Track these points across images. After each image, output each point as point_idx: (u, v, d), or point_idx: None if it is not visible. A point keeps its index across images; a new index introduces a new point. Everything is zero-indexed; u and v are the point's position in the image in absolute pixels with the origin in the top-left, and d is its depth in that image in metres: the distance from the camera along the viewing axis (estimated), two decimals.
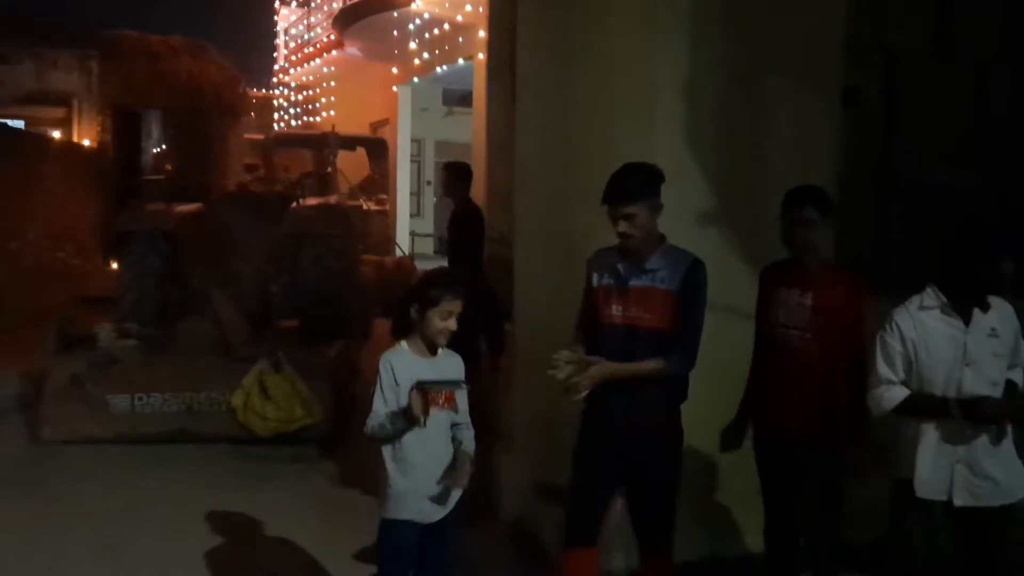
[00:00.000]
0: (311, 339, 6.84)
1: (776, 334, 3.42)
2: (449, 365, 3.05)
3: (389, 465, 2.96)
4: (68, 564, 4.23)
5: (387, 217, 14.09)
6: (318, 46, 17.78)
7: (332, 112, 18.73)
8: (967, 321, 2.93)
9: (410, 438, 2.92)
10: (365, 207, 12.00)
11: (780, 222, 3.40)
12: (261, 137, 14.16)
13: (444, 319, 2.94)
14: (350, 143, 14.14)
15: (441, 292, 2.96)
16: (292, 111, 20.74)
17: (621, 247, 3.11)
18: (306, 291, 7.21)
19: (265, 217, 7.77)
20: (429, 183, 19.51)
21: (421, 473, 2.95)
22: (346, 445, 5.83)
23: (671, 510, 3.21)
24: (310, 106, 21.03)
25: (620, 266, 3.12)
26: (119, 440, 6.03)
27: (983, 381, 2.92)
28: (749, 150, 4.31)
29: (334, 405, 6.12)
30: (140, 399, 6.10)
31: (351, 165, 14.06)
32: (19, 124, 12.30)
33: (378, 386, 2.93)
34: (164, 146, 12.03)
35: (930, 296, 2.99)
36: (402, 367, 2.94)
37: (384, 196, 14.41)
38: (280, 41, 21.75)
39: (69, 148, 11.69)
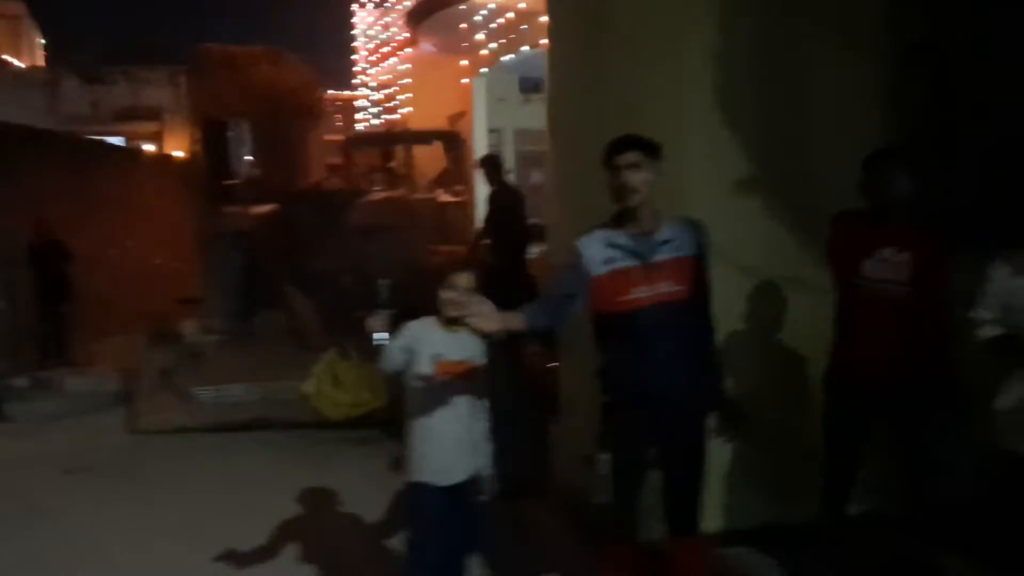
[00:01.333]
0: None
1: (865, 288, 3.37)
2: (468, 342, 3.17)
3: (412, 431, 3.13)
4: (158, 539, 4.56)
5: (465, 208, 14.32)
6: (394, 45, 18.16)
7: (411, 108, 19.08)
8: None
9: (430, 404, 3.09)
10: (440, 199, 12.22)
11: (862, 185, 3.38)
12: (342, 138, 14.59)
13: (447, 291, 3.09)
14: (424, 138, 14.40)
15: (447, 270, 3.15)
16: (373, 110, 21.28)
17: (625, 210, 2.94)
18: (374, 281, 7.46)
19: (333, 213, 8.09)
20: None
21: (438, 437, 3.11)
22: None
23: (701, 482, 3.14)
24: (391, 104, 21.50)
25: (634, 244, 2.95)
26: (205, 428, 6.45)
27: None
28: (789, 121, 4.28)
29: (399, 388, 6.34)
30: (222, 390, 6.50)
31: (429, 159, 14.32)
32: (119, 140, 13.13)
33: (394, 341, 3.10)
34: (248, 152, 12.62)
35: None
36: (421, 333, 3.11)
37: (461, 187, 14.64)
38: (360, 43, 22.31)
39: (161, 160, 12.42)
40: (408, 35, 16.65)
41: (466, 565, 3.30)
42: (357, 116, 21.96)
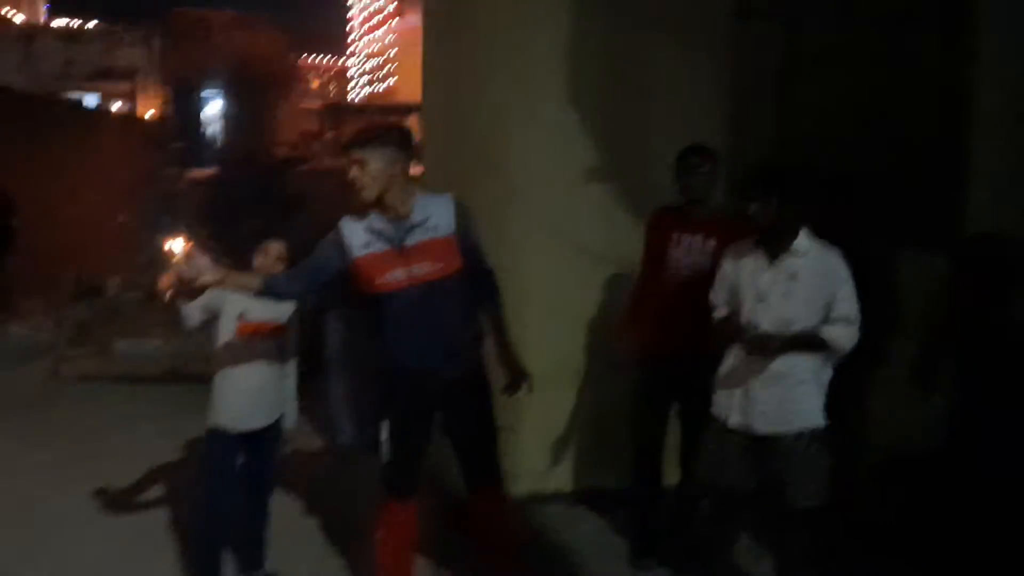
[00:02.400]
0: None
1: (671, 271, 3.70)
2: (276, 305, 3.43)
3: (216, 380, 3.46)
4: (27, 474, 4.92)
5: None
6: (384, 16, 18.39)
7: (397, 79, 19.32)
8: (775, 261, 3.12)
9: (233, 357, 3.42)
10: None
11: (674, 174, 3.67)
12: (318, 106, 14.82)
13: (257, 257, 3.44)
14: (399, 110, 14.62)
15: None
16: (363, 79, 21.54)
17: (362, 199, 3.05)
18: (300, 248, 7.70)
19: (267, 180, 8.36)
20: None
21: (238, 387, 3.44)
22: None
23: (494, 439, 3.34)
24: (382, 74, 21.74)
25: (389, 229, 3.06)
26: (122, 379, 6.80)
27: (770, 318, 3.11)
28: (634, 112, 4.54)
29: (311, 349, 6.67)
30: (137, 344, 6.84)
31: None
32: (93, 98, 13.41)
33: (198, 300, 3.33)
34: (218, 116, 12.89)
35: None
36: (228, 293, 3.35)
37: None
38: (354, 12, 22.54)
39: (128, 120, 12.69)
40: (394, 8, 16.91)
41: (259, 511, 3.64)
42: (349, 86, 22.31)
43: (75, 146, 10.37)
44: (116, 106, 13.24)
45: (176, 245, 2.83)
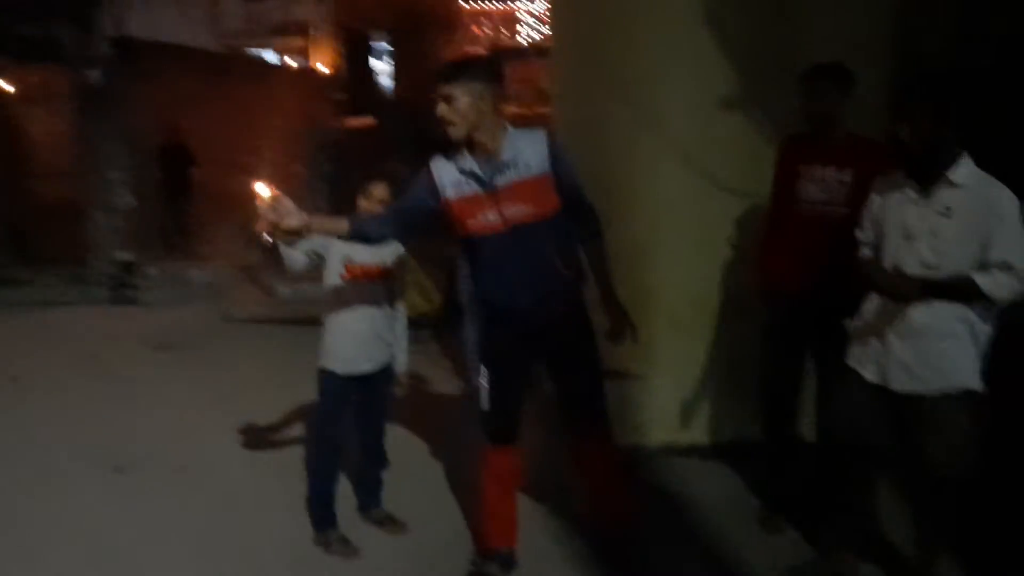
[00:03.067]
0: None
1: (801, 204, 3.37)
2: (382, 248, 3.39)
3: (326, 323, 3.48)
4: (194, 405, 5.30)
5: None
6: None
7: None
8: (926, 194, 2.73)
9: (340, 301, 3.42)
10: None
11: (797, 97, 3.34)
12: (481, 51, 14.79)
13: (362, 200, 3.38)
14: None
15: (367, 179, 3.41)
16: (531, 22, 21.26)
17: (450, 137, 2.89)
18: None
19: (417, 126, 8.41)
20: None
21: (345, 330, 3.43)
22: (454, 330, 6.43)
23: (599, 384, 3.21)
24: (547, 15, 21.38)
25: (479, 170, 2.91)
26: (284, 321, 7.17)
27: (916, 259, 2.73)
28: (783, 35, 4.12)
29: (448, 295, 6.72)
30: (298, 287, 7.16)
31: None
32: (272, 54, 14.11)
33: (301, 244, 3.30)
34: (387, 64, 13.16)
35: None
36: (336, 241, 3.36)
37: None
38: None
39: (303, 73, 13.25)
40: None
41: (373, 451, 3.67)
42: (518, 29, 22.10)
43: (251, 99, 10.95)
44: (291, 60, 13.85)
45: (262, 189, 2.80)
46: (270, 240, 3.01)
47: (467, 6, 14.24)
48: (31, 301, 8.36)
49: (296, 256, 3.34)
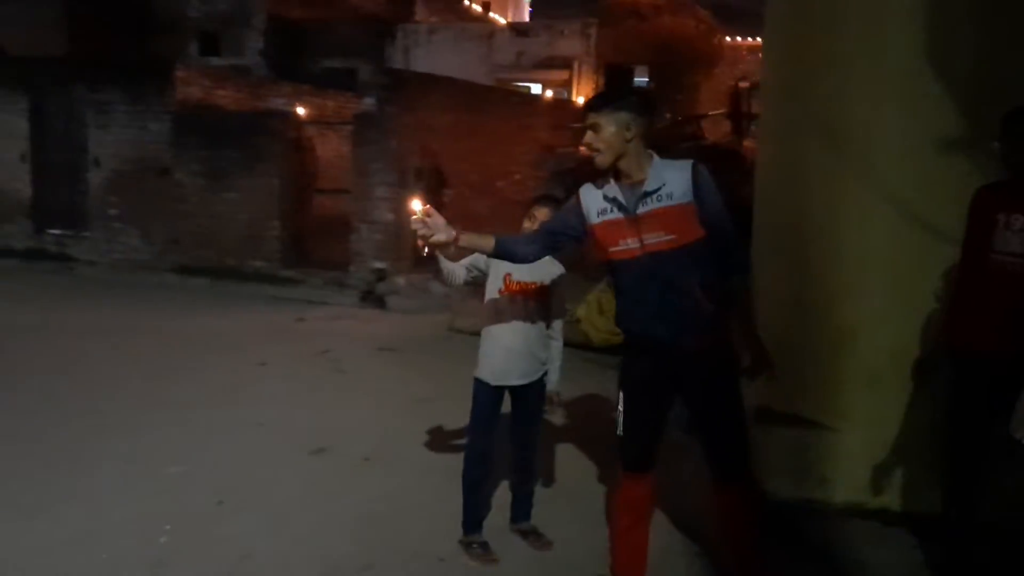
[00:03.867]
0: None
1: (995, 258, 3.13)
2: (539, 266, 3.52)
3: (483, 334, 3.67)
4: (396, 403, 5.75)
5: None
6: None
7: None
8: None
9: (497, 314, 3.59)
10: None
11: (999, 142, 3.13)
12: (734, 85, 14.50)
13: (527, 222, 3.51)
14: None
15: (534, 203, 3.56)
16: None
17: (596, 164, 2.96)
18: None
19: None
20: None
21: (498, 343, 3.60)
22: None
23: (741, 431, 3.11)
24: None
25: (623, 196, 2.94)
26: None
27: None
28: (1012, 75, 3.72)
29: None
30: None
31: None
32: (537, 86, 14.84)
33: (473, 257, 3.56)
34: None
35: None
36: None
37: None
38: None
39: (559, 103, 13.78)
40: None
41: (523, 465, 3.77)
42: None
43: (506, 128, 11.63)
44: (553, 92, 14.48)
45: (416, 204, 3.03)
46: (427, 252, 3.23)
47: (728, 40, 14.03)
48: (297, 299, 9.48)
49: (455, 269, 3.55)
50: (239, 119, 11.06)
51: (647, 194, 2.92)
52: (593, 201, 3.03)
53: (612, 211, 2.98)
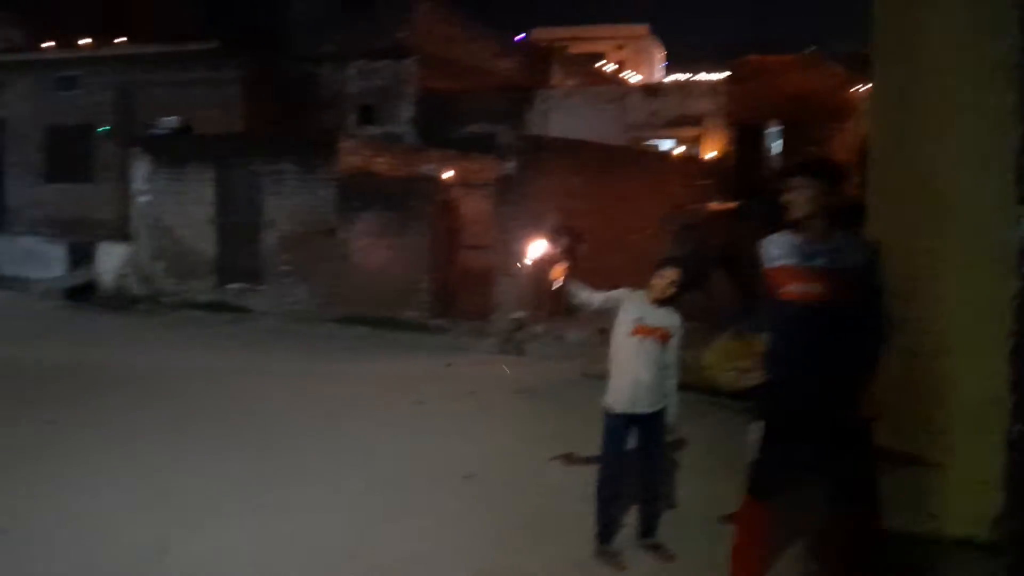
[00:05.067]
0: None
1: None
2: (665, 315, 4.20)
3: (612, 368, 4.29)
4: (502, 436, 6.42)
5: None
6: None
7: None
8: None
9: (626, 350, 4.22)
10: None
11: None
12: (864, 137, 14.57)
13: (656, 279, 4.21)
14: None
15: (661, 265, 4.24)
16: None
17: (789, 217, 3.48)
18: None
19: (776, 212, 8.79)
20: None
21: (628, 375, 4.21)
22: None
23: (867, 473, 3.49)
24: None
25: (800, 248, 3.42)
26: None
27: None
28: None
29: None
30: None
31: None
32: (669, 143, 15.45)
33: (609, 293, 4.26)
34: (777, 152, 13.69)
35: None
36: (630, 299, 4.26)
37: None
38: None
39: (689, 160, 14.30)
40: None
41: (649, 481, 4.33)
42: None
43: (637, 185, 12.29)
44: (684, 149, 15.03)
45: (537, 246, 3.74)
46: (559, 284, 3.96)
47: (862, 90, 14.18)
48: (444, 346, 10.38)
49: (593, 299, 4.21)
50: (394, 184, 12.26)
51: (824, 252, 3.40)
52: (775, 247, 3.55)
53: (790, 257, 3.46)
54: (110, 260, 15.17)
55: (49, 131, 19.14)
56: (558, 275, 4.00)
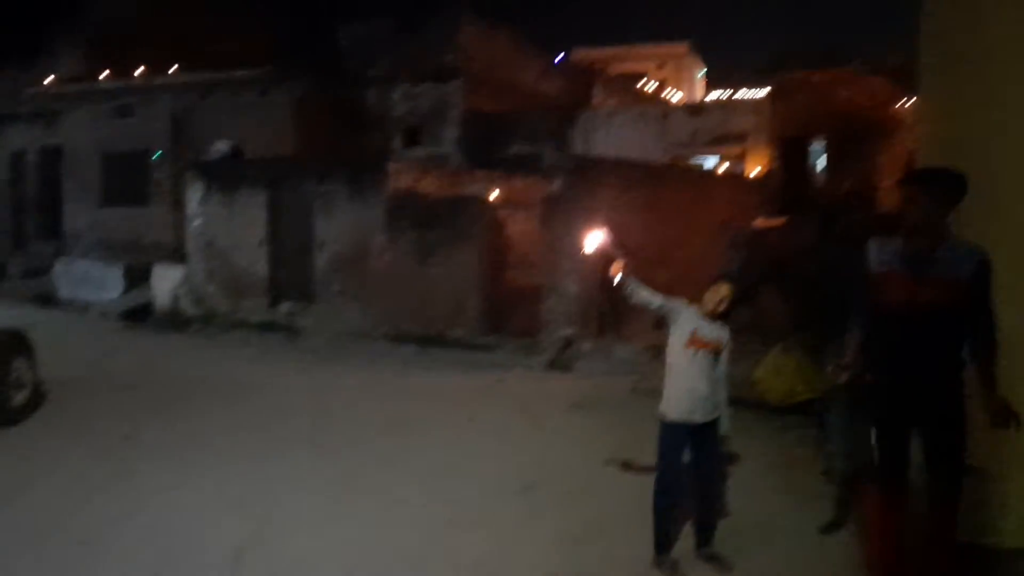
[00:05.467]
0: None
1: None
2: (717, 329, 4.35)
3: (667, 379, 4.42)
4: (604, 447, 6.52)
5: None
6: None
7: None
8: None
9: (681, 361, 4.34)
10: None
11: None
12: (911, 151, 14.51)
13: (709, 294, 4.35)
14: None
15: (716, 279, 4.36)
16: None
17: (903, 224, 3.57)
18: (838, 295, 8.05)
19: (822, 230, 8.86)
20: None
21: (684, 386, 4.34)
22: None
23: (957, 473, 3.64)
24: None
25: (910, 256, 3.52)
26: None
27: None
28: None
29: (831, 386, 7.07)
30: None
31: None
32: (712, 160, 15.52)
33: (669, 299, 4.40)
34: (820, 168, 13.70)
35: None
36: (687, 312, 4.40)
37: None
38: None
39: (733, 177, 14.34)
40: None
41: (706, 496, 4.42)
42: None
43: (682, 202, 12.37)
44: (727, 166, 15.09)
45: (593, 240, 3.97)
46: (618, 280, 4.11)
47: (908, 104, 14.14)
48: (493, 364, 10.54)
49: (648, 297, 4.33)
50: (442, 204, 12.49)
51: (934, 261, 3.50)
52: (880, 252, 3.64)
53: (897, 263, 3.56)
54: (165, 282, 15.61)
55: (105, 157, 19.82)
56: (617, 271, 4.16)
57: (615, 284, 4.19)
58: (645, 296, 4.36)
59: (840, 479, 5.67)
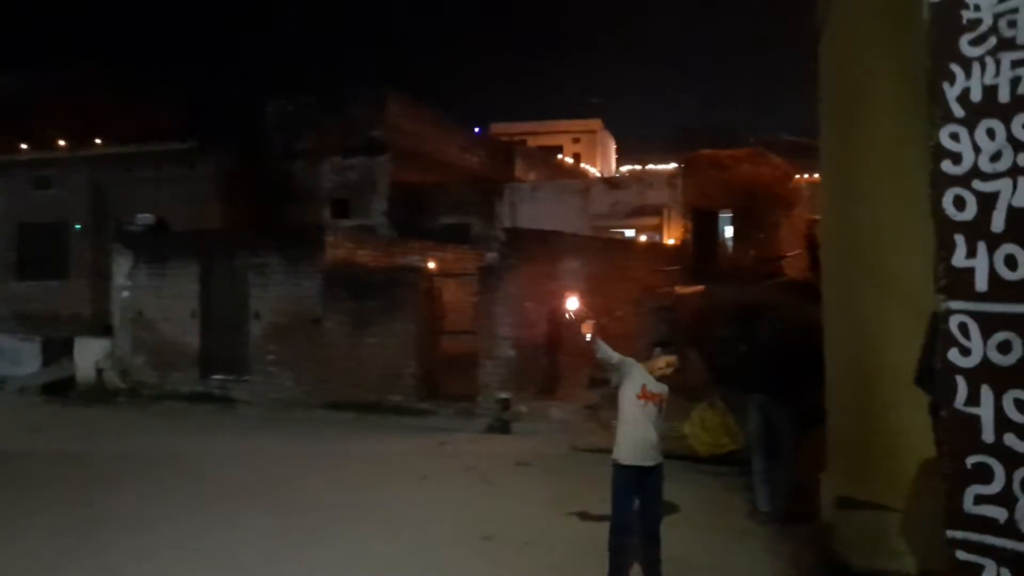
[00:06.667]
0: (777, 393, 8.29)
1: None
2: (662, 385, 4.95)
3: (618, 426, 4.97)
4: (554, 498, 7.00)
5: None
6: None
7: None
8: None
9: (631, 410, 4.90)
10: None
11: None
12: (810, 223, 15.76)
13: (653, 361, 4.95)
14: None
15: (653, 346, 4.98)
16: None
17: None
18: (761, 353, 8.85)
19: (735, 295, 9.72)
20: None
21: (632, 432, 4.90)
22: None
23: None
24: None
25: None
26: None
27: None
28: None
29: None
30: None
31: None
32: (630, 232, 16.50)
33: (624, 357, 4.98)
34: (727, 238, 14.78)
35: None
36: (637, 369, 4.97)
37: None
38: None
39: (651, 246, 15.34)
40: None
41: (649, 530, 4.97)
42: None
43: (607, 271, 13.18)
44: (646, 237, 16.09)
45: (572, 303, 4.51)
46: (589, 338, 4.69)
47: (807, 179, 15.48)
48: (433, 428, 10.94)
49: (610, 353, 4.91)
50: (379, 274, 12.94)
51: None
52: None
53: None
54: (88, 354, 15.44)
55: (22, 229, 19.54)
56: (588, 329, 4.73)
57: (587, 341, 4.75)
58: (608, 352, 4.95)
59: (764, 519, 6.39)
